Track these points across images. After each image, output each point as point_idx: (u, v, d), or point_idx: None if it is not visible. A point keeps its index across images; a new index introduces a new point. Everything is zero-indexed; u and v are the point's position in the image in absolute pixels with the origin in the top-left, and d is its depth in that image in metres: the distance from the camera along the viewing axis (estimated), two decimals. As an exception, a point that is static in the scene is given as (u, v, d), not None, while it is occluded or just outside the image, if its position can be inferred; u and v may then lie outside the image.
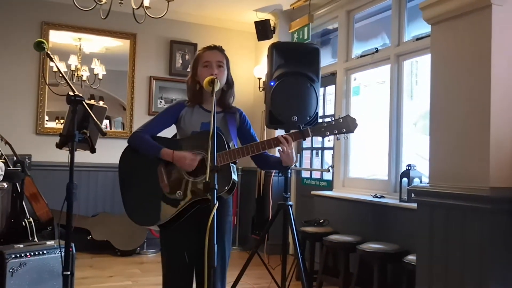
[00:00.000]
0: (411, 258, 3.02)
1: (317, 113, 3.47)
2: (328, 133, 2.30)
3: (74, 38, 5.63)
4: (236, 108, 2.45)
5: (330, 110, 5.32)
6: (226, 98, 2.39)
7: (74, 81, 5.55)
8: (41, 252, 3.30)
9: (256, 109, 6.01)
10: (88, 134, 2.35)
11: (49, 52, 2.32)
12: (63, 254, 2.17)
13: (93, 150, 2.43)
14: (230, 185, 2.19)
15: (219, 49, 2.38)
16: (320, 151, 5.44)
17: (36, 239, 4.04)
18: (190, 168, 2.20)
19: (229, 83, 2.40)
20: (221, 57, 2.34)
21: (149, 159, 2.28)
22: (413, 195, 2.85)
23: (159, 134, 2.37)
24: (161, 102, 5.91)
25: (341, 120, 2.30)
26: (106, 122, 5.72)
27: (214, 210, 1.73)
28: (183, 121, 2.35)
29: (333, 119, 2.34)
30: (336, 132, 2.29)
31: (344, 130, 2.29)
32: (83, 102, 2.22)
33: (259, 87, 5.87)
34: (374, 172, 4.61)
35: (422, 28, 3.89)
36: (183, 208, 2.19)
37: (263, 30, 5.50)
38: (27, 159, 4.70)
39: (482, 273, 2.31)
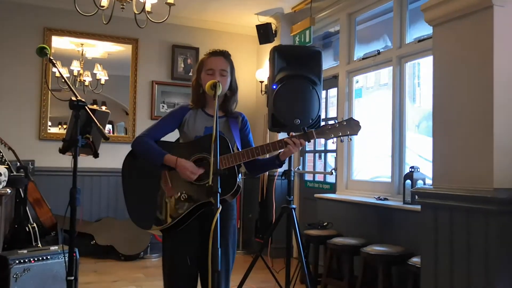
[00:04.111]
0: (416, 260, 3.01)
1: (319, 115, 3.47)
2: (333, 135, 2.30)
3: (76, 43, 5.66)
4: (238, 113, 2.45)
5: (332, 113, 5.32)
6: (228, 104, 2.39)
7: (76, 86, 5.57)
8: (44, 258, 3.30)
9: (258, 113, 6.02)
10: (91, 139, 2.35)
11: (51, 58, 2.32)
12: (66, 259, 2.17)
13: (96, 155, 2.43)
14: (235, 189, 2.18)
15: (224, 55, 2.35)
16: (322, 154, 5.43)
17: (39, 245, 4.05)
18: (189, 179, 2.19)
19: (233, 89, 2.38)
20: (225, 65, 2.33)
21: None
22: (416, 197, 2.84)
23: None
24: (163, 106, 5.92)
25: (345, 123, 2.31)
26: (109, 127, 5.74)
27: (218, 214, 1.73)
28: (187, 126, 2.34)
29: (336, 121, 2.34)
30: (341, 134, 2.29)
31: (348, 133, 2.29)
32: (86, 107, 2.22)
33: (261, 91, 5.88)
34: (378, 174, 4.61)
35: (423, 29, 3.89)
36: (187, 212, 2.18)
37: (264, 33, 5.51)
38: (30, 165, 4.71)
39: (488, 274, 2.30)
